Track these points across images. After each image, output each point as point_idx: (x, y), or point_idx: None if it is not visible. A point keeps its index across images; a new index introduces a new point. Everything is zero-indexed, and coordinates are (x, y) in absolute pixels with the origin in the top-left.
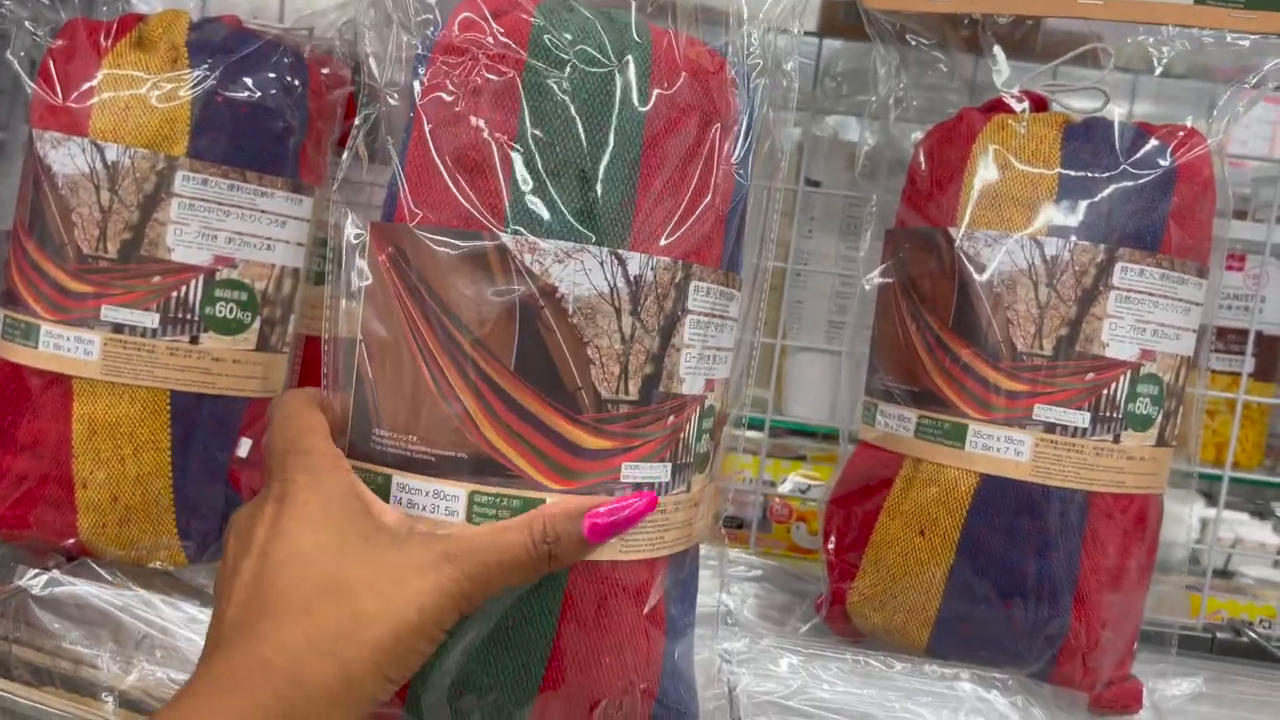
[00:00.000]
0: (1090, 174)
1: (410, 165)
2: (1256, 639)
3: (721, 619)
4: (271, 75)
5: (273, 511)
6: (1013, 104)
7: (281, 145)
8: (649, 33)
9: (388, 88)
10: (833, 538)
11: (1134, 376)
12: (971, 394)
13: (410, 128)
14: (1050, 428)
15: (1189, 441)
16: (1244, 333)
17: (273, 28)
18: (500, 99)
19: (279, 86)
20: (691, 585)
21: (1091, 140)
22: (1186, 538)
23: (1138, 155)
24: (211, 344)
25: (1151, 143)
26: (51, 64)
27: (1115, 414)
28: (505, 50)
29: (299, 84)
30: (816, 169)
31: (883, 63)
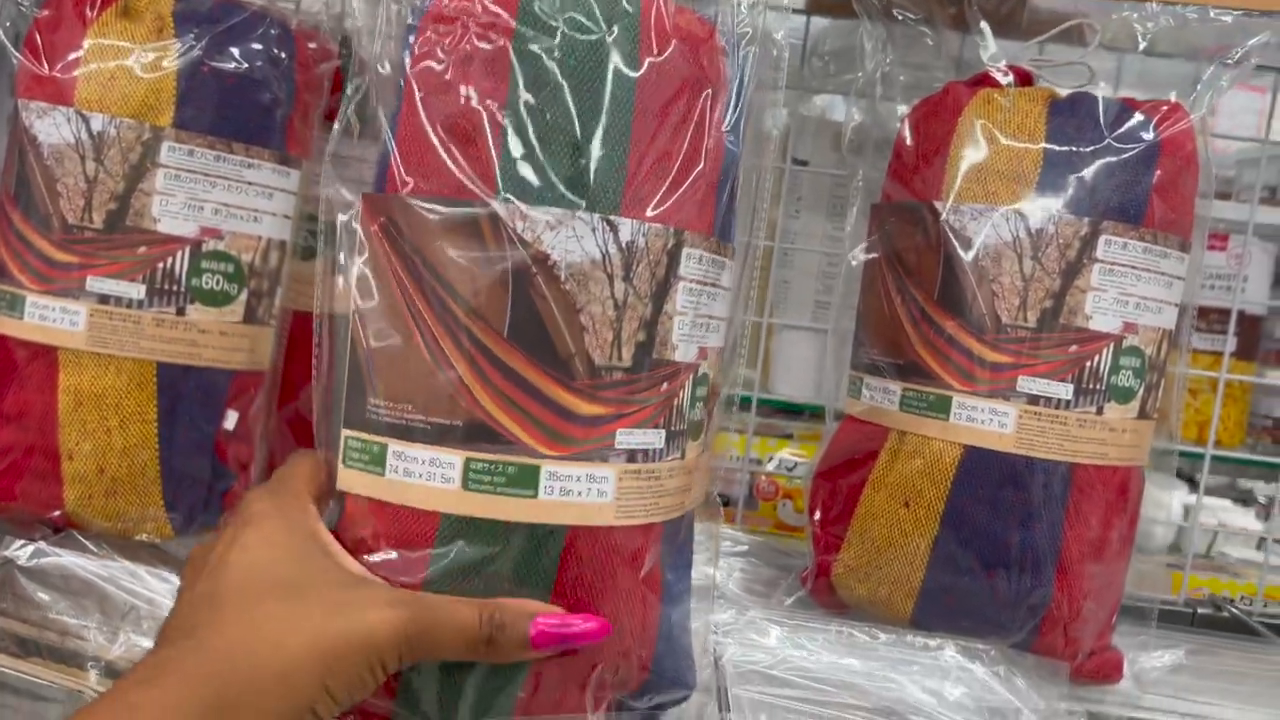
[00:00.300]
0: (1075, 148)
1: (401, 135)
2: (1237, 614)
3: (706, 592)
4: (258, 46)
5: (232, 533)
6: (999, 78)
7: (268, 117)
8: (638, 1)
9: (378, 58)
10: (818, 511)
11: (1117, 349)
12: (956, 366)
13: (401, 98)
14: (1034, 399)
15: (1170, 417)
16: (1226, 312)
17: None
18: (490, 67)
19: (265, 58)
20: (687, 552)
21: (1076, 115)
22: (1167, 519)
23: (1122, 129)
24: (198, 316)
25: (1135, 117)
26: (37, 34)
27: (1098, 386)
28: (494, 19)
29: (285, 56)
30: (803, 148)
31: (870, 38)
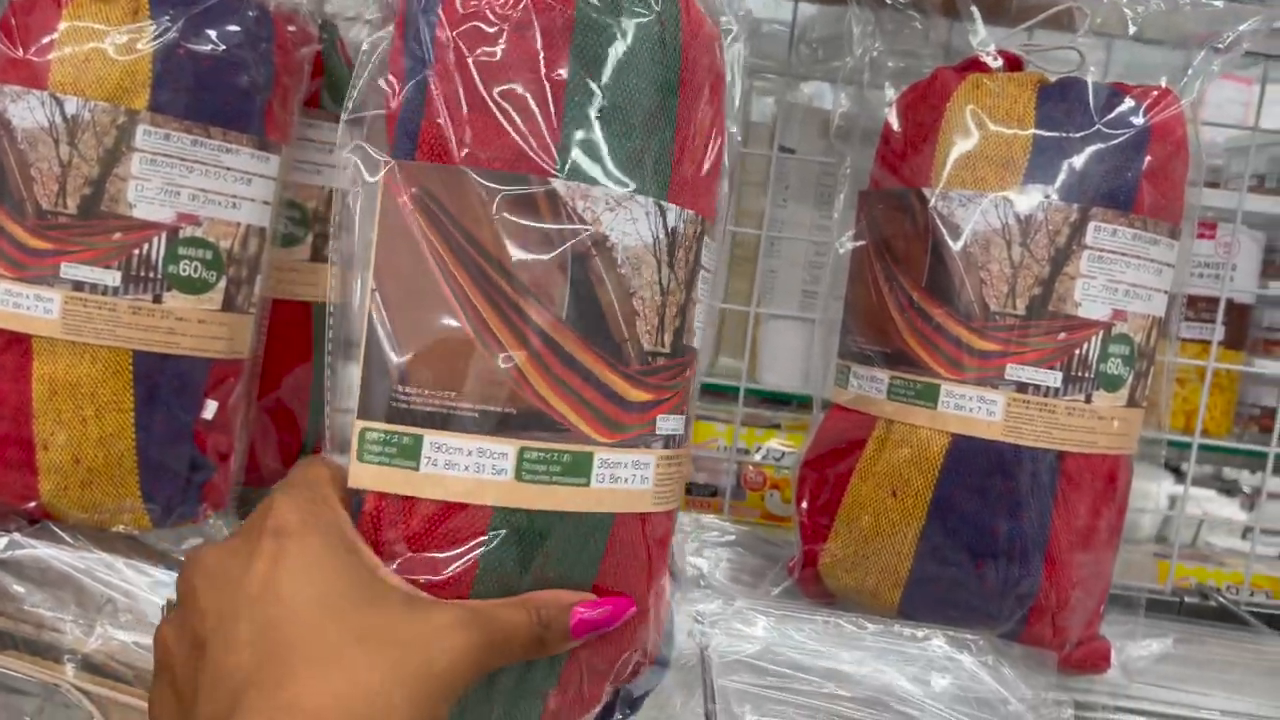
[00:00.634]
0: (1064, 134)
1: (434, 100)
2: (1224, 603)
3: (694, 581)
4: (235, 29)
5: (271, 549)
6: (988, 63)
7: (247, 101)
8: None
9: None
10: (805, 500)
11: (1106, 336)
12: (944, 354)
13: (429, 59)
14: (1022, 387)
15: (1159, 405)
16: (1214, 301)
17: None
18: (550, 37)
19: (243, 40)
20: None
21: (1066, 100)
22: (1154, 512)
23: (1112, 115)
24: (175, 303)
25: (1125, 102)
26: (11, 17)
27: (1087, 374)
28: None
29: (264, 38)
30: (791, 136)
31: (858, 23)
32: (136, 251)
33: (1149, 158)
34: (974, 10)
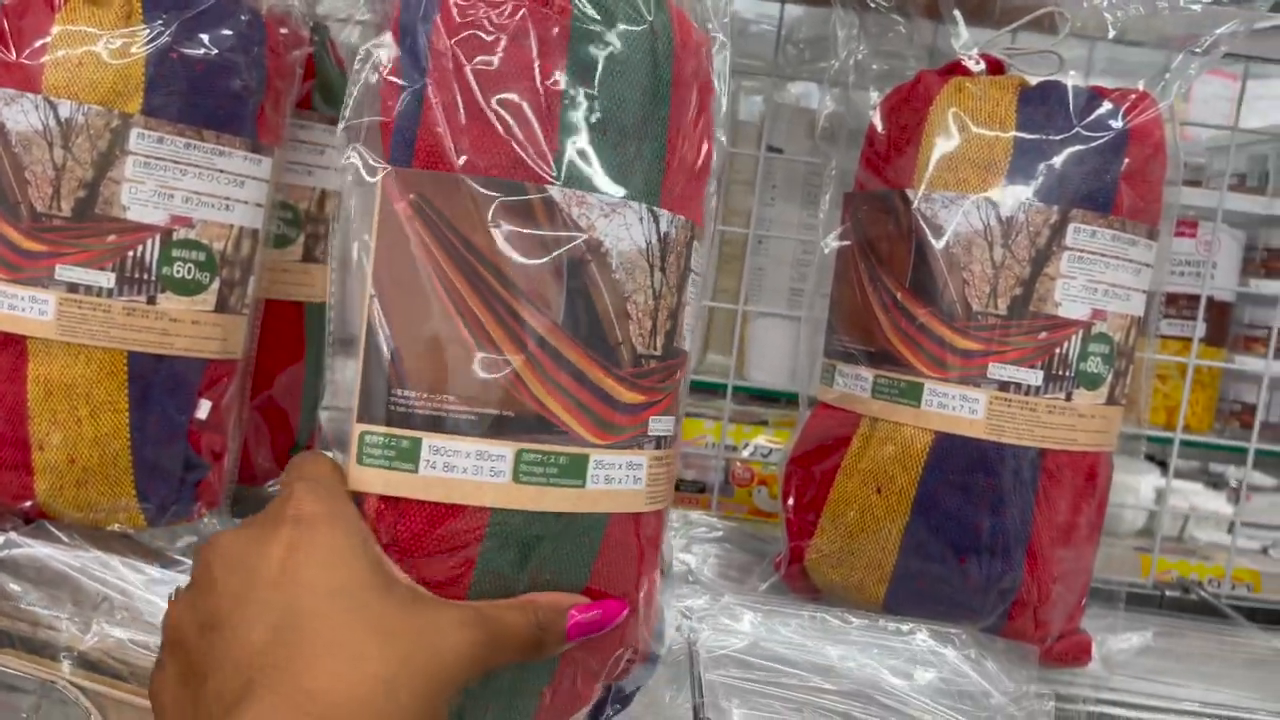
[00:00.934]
0: (1045, 136)
1: (431, 107)
2: (1205, 597)
3: (682, 577)
4: (228, 32)
5: (289, 536)
6: (971, 66)
7: (239, 104)
8: None
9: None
10: (791, 497)
11: (1085, 335)
12: (927, 353)
13: (426, 67)
14: (1004, 386)
15: (1139, 403)
16: (1195, 298)
17: None
18: (546, 46)
19: (236, 44)
20: None
21: (1046, 103)
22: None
23: (1091, 118)
24: (169, 304)
25: (1104, 105)
26: (4, 20)
27: (1067, 372)
28: None
29: (256, 42)
30: (778, 136)
31: (843, 25)
32: (130, 253)
33: (1127, 160)
34: (956, 13)
